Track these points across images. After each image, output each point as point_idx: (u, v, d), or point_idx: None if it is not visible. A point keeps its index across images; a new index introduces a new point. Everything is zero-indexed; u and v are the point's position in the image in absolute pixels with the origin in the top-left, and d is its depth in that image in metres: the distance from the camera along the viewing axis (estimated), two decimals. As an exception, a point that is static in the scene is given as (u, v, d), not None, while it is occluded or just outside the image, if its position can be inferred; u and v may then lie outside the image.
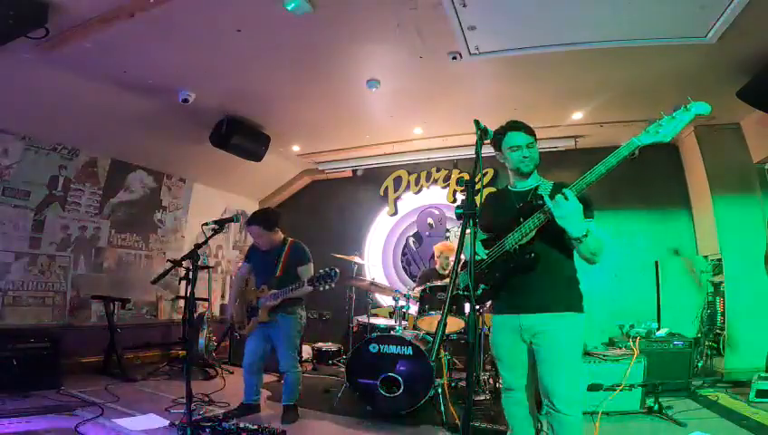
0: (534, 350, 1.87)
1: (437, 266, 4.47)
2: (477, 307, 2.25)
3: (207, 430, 2.67)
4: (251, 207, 6.93)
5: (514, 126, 1.99)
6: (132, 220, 5.16)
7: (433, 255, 4.72)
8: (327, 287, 2.98)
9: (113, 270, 4.95)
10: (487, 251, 1.96)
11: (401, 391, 3.17)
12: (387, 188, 6.30)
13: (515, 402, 1.99)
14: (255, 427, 2.71)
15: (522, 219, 1.84)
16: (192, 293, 2.55)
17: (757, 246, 4.16)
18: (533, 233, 1.81)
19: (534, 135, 2.00)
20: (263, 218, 3.29)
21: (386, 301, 5.82)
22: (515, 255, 1.86)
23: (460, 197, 5.77)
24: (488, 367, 3.99)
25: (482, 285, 2.00)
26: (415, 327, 3.89)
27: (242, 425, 2.73)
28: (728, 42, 2.97)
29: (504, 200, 2.06)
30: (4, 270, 4.00)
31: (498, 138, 2.02)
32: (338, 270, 3.01)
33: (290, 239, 3.41)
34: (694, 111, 1.49)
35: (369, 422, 3.17)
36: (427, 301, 3.79)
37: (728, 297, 4.11)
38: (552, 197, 1.72)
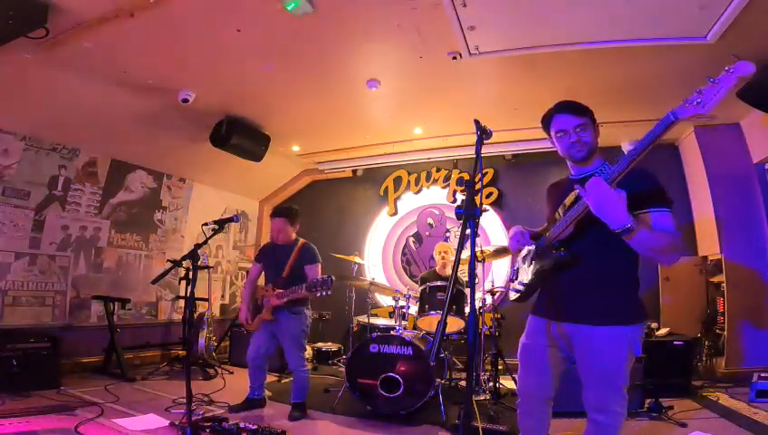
0: (577, 362, 1.67)
1: (437, 267, 4.48)
2: (478, 306, 2.24)
3: (207, 430, 2.68)
4: (251, 207, 6.95)
5: (560, 107, 1.76)
6: (132, 220, 5.16)
7: (432, 256, 4.76)
8: (324, 294, 3.01)
9: (113, 270, 4.95)
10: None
11: (401, 391, 3.17)
12: (387, 188, 6.30)
13: (530, 413, 1.79)
14: (255, 427, 2.71)
15: (562, 212, 1.66)
16: (192, 293, 2.55)
17: (757, 246, 4.16)
18: (571, 227, 1.63)
19: (588, 115, 1.73)
20: (287, 212, 3.46)
21: (386, 301, 5.82)
22: (550, 251, 1.71)
23: (460, 197, 5.77)
24: (488, 367, 3.99)
25: (518, 282, 1.88)
26: (415, 327, 3.89)
27: (242, 425, 2.73)
28: (728, 42, 2.97)
29: (561, 190, 1.83)
30: (5, 270, 4.00)
31: (545, 123, 1.82)
32: (333, 277, 3.05)
33: (301, 240, 3.49)
34: (736, 74, 1.30)
35: (369, 422, 3.17)
36: (427, 301, 3.80)
37: (728, 297, 4.11)
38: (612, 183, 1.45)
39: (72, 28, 2.98)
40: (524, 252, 1.91)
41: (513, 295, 1.97)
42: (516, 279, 1.94)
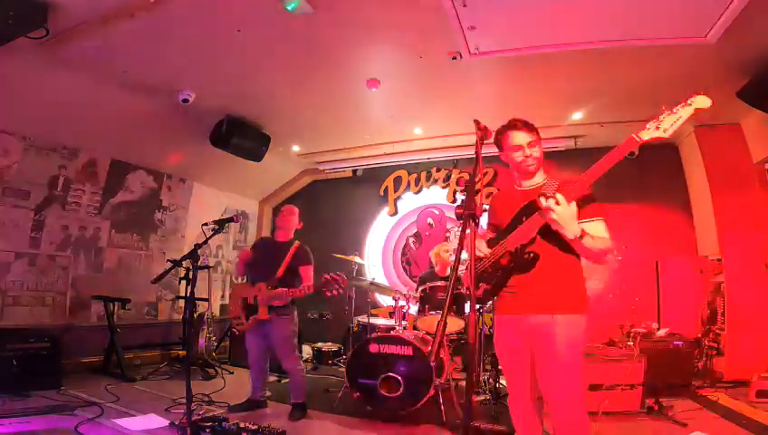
0: (535, 351, 1.85)
1: (436, 268, 4.47)
2: (478, 306, 2.26)
3: (207, 430, 2.68)
4: (251, 207, 6.95)
5: (514, 125, 1.96)
6: (132, 220, 5.16)
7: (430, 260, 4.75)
8: (337, 293, 3.01)
9: (113, 270, 4.95)
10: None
11: (401, 391, 3.17)
12: (387, 188, 6.30)
13: (519, 404, 1.95)
14: (255, 427, 2.71)
15: (524, 219, 1.83)
16: (192, 293, 2.56)
17: (757, 247, 4.16)
18: (534, 233, 1.80)
19: (537, 133, 1.97)
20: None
21: (386, 301, 5.82)
22: (515, 254, 1.86)
23: (460, 197, 5.77)
24: (488, 367, 3.99)
25: (483, 284, 1.98)
26: (415, 327, 3.89)
27: (242, 425, 2.73)
28: (728, 42, 2.96)
29: (509, 200, 2.03)
30: (5, 270, 4.00)
31: (499, 137, 2.00)
32: (344, 276, 3.05)
33: (296, 241, 3.48)
34: (694, 106, 1.45)
35: (369, 422, 3.17)
36: (427, 301, 3.80)
37: (728, 297, 4.10)
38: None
39: (71, 28, 2.98)
40: (481, 256, 1.99)
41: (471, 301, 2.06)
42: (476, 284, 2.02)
